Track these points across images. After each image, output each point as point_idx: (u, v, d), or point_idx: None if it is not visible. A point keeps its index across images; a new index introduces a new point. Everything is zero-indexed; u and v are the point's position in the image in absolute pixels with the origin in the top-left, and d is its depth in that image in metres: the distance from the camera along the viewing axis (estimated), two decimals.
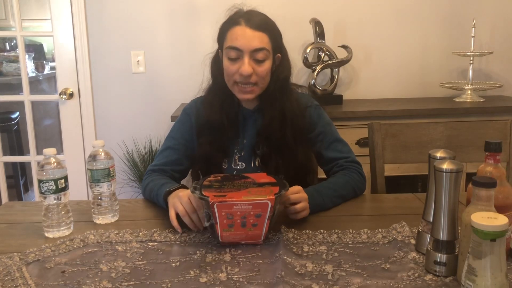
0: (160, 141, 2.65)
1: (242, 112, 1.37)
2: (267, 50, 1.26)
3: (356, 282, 0.84)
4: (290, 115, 1.31)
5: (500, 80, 2.64)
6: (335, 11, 2.58)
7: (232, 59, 1.26)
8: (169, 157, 1.36)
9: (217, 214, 0.95)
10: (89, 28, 2.56)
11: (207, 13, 2.55)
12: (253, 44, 1.23)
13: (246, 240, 1.00)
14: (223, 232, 0.97)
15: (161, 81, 2.63)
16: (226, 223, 0.96)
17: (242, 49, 1.24)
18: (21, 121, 3.39)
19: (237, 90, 1.29)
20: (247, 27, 1.24)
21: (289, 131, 1.30)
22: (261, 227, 0.97)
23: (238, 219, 0.96)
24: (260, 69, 1.26)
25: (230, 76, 1.28)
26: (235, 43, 1.24)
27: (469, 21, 2.50)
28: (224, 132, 1.32)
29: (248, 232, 0.98)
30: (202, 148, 1.33)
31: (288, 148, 1.30)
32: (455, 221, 0.84)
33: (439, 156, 0.90)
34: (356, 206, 1.27)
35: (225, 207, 0.94)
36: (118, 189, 2.52)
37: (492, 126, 1.53)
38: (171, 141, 1.38)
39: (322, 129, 1.37)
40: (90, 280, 0.87)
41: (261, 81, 1.28)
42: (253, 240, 1.00)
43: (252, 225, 0.97)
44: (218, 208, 0.94)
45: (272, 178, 1.08)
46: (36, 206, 1.28)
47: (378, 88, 2.67)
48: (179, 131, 1.39)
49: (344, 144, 1.38)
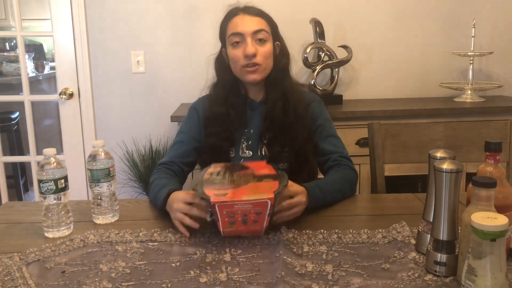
0: (160, 141, 2.65)
1: (249, 104, 1.42)
2: (267, 32, 1.34)
3: (356, 282, 0.84)
4: (293, 100, 1.37)
5: (500, 80, 2.64)
6: (335, 11, 2.58)
7: (235, 44, 1.33)
8: (177, 150, 1.41)
9: (219, 213, 0.97)
10: (89, 28, 2.56)
11: (207, 13, 2.55)
12: (252, 26, 1.32)
13: (247, 233, 1.03)
14: (225, 228, 1.00)
15: (161, 81, 2.63)
16: (228, 220, 0.98)
17: (243, 33, 1.31)
18: (21, 121, 3.39)
19: (244, 72, 1.35)
20: (245, 14, 1.34)
21: (292, 113, 1.36)
22: (261, 223, 1.00)
23: (239, 217, 0.98)
24: (263, 49, 1.33)
25: (236, 62, 1.34)
26: (236, 29, 1.32)
27: (469, 21, 2.50)
28: (231, 123, 1.37)
29: (250, 227, 1.00)
30: (209, 139, 1.38)
31: (292, 129, 1.35)
32: (455, 221, 0.84)
33: (439, 156, 0.90)
34: (356, 206, 1.27)
35: (226, 207, 0.96)
36: (118, 189, 2.52)
37: (492, 126, 1.53)
38: (180, 136, 1.44)
39: (321, 122, 1.42)
40: (90, 280, 0.86)
41: (265, 61, 1.34)
42: (254, 233, 1.03)
43: (253, 221, 0.99)
44: (219, 208, 0.96)
45: (271, 168, 1.10)
46: (36, 206, 1.28)
47: (378, 88, 2.67)
48: (187, 125, 1.44)
49: (339, 140, 1.43)
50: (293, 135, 1.35)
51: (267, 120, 1.37)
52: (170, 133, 2.65)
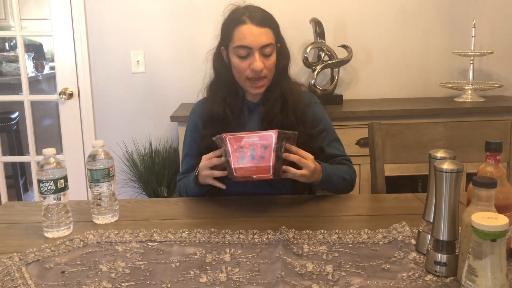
0: (160, 141, 2.65)
1: (246, 105, 1.42)
2: (273, 44, 1.34)
3: (356, 282, 0.84)
4: (292, 100, 1.38)
5: (500, 80, 2.64)
6: (335, 11, 2.58)
7: (242, 57, 1.32)
8: (188, 163, 1.45)
9: (230, 146, 1.11)
10: (88, 28, 2.56)
11: (207, 13, 2.55)
12: (261, 40, 1.30)
13: (256, 174, 1.11)
14: (236, 165, 1.11)
15: (161, 81, 2.63)
16: (238, 155, 1.11)
17: (251, 47, 1.30)
18: (20, 121, 3.39)
19: (249, 85, 1.36)
20: (253, 25, 1.31)
21: (292, 115, 1.37)
22: (268, 160, 1.10)
23: (248, 151, 1.10)
24: (268, 62, 1.33)
25: (241, 72, 1.34)
26: (244, 42, 1.30)
27: (469, 21, 2.50)
28: (228, 123, 1.37)
29: (258, 164, 1.10)
30: (205, 140, 1.37)
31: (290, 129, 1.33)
32: (455, 221, 0.84)
33: (439, 156, 0.90)
34: (356, 206, 1.27)
35: (235, 140, 1.11)
36: (117, 189, 2.52)
37: (492, 126, 1.53)
38: (186, 148, 1.47)
39: (326, 126, 1.44)
40: (90, 280, 0.86)
41: (269, 73, 1.35)
42: (263, 174, 1.11)
43: (260, 157, 1.10)
44: (230, 141, 1.11)
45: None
46: (35, 206, 1.28)
47: (378, 88, 2.67)
48: (189, 136, 1.47)
49: (341, 144, 1.48)
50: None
51: (265, 121, 1.37)
52: (170, 133, 2.65)
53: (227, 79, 1.39)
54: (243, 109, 1.41)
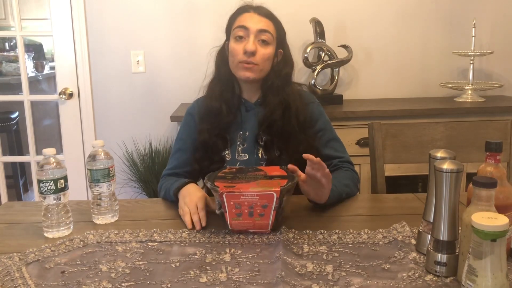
0: (160, 141, 2.65)
1: (244, 104, 1.41)
2: (272, 35, 1.34)
3: (356, 283, 0.84)
4: (294, 107, 1.36)
5: (500, 80, 2.64)
6: (335, 11, 2.58)
7: (238, 39, 1.33)
8: (179, 158, 1.41)
9: (226, 203, 1.01)
10: (88, 28, 2.56)
11: (207, 13, 2.55)
12: (259, 25, 1.32)
13: (254, 228, 1.05)
14: (232, 220, 1.03)
15: (161, 81, 2.63)
16: (235, 212, 1.02)
17: (248, 28, 1.31)
18: (20, 121, 3.38)
19: (240, 68, 1.34)
20: (255, 13, 1.34)
21: (294, 120, 1.35)
22: (267, 217, 1.02)
23: (246, 209, 1.01)
24: (263, 50, 1.32)
25: (235, 56, 1.33)
26: (243, 23, 1.33)
27: (469, 21, 2.50)
28: (222, 118, 1.37)
29: (256, 221, 1.03)
30: (201, 135, 1.37)
31: (292, 136, 1.35)
32: (455, 221, 0.84)
33: (439, 156, 0.90)
34: (356, 206, 1.27)
35: (233, 197, 1.01)
36: (117, 189, 2.52)
37: (492, 126, 1.53)
38: (179, 143, 1.44)
39: (322, 126, 1.42)
40: (90, 280, 0.86)
41: (262, 63, 1.33)
42: (260, 229, 1.05)
43: (259, 215, 1.02)
44: (226, 198, 1.01)
45: (284, 171, 1.13)
46: (35, 206, 1.28)
47: (378, 88, 2.67)
48: (185, 132, 1.44)
49: (340, 144, 1.44)
50: (293, 141, 1.34)
51: (264, 124, 1.36)
52: (170, 133, 2.65)
53: (225, 74, 1.39)
54: (240, 107, 1.41)
